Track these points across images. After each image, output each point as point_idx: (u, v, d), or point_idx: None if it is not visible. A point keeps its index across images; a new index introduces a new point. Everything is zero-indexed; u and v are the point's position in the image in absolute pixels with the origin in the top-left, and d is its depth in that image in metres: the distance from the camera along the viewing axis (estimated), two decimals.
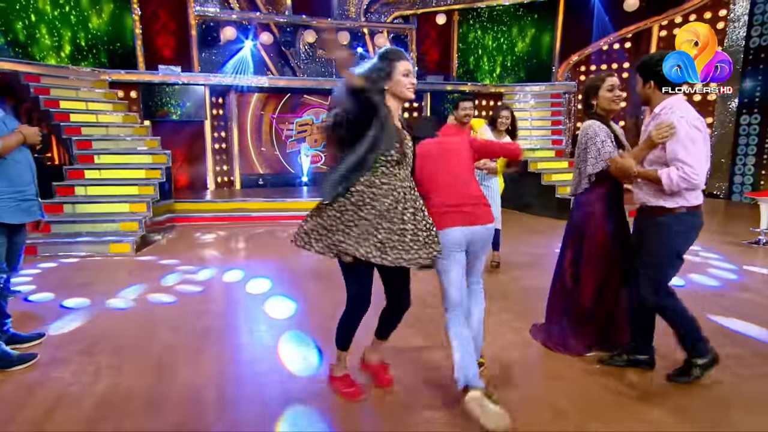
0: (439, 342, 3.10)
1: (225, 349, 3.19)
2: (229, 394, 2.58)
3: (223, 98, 10.09)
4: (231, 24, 10.46)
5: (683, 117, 2.46)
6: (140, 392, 2.61)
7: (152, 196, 6.57)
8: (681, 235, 2.55)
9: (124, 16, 9.53)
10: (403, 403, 2.51)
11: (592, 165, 2.80)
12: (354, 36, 11.51)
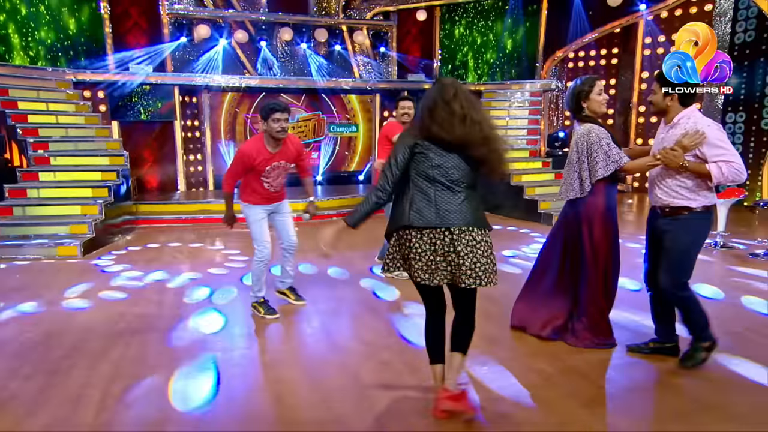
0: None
1: (121, 356, 3.17)
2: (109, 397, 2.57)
3: (196, 97, 10.09)
4: (204, 22, 10.47)
5: (710, 125, 2.76)
6: (26, 394, 2.62)
7: (105, 198, 6.57)
8: (702, 230, 2.87)
9: (94, 14, 9.56)
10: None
11: (603, 168, 2.95)
12: (332, 33, 11.49)
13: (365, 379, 2.90)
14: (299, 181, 4.17)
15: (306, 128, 11.07)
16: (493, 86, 10.91)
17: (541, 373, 2.93)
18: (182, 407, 2.60)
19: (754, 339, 3.42)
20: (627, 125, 11.35)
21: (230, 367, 3.06)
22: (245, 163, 3.66)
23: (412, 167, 2.28)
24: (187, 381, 2.87)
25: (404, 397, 2.69)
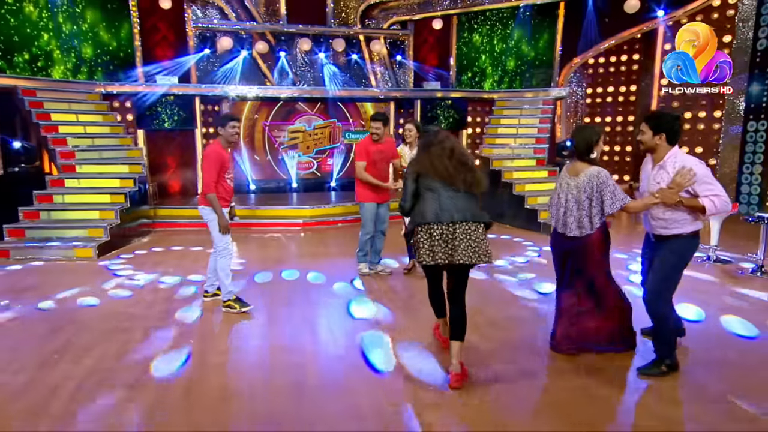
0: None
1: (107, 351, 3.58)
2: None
3: (217, 106, 10.65)
4: (227, 34, 11.04)
5: (697, 163, 3.06)
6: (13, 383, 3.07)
7: (122, 204, 7.13)
8: (689, 251, 3.20)
9: (125, 29, 10.26)
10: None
11: (610, 206, 3.23)
12: (349, 43, 11.83)
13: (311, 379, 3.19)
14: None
15: (322, 135, 11.46)
16: (506, 94, 10.97)
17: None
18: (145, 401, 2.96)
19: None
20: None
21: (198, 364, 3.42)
22: (219, 162, 4.25)
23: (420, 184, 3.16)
24: (158, 377, 3.24)
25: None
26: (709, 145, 10.29)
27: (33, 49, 8.99)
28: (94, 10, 9.77)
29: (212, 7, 11.07)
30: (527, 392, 3.09)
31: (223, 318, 4.34)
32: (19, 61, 8.90)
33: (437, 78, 11.74)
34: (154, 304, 4.70)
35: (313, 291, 5.13)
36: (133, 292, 5.06)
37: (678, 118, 3.27)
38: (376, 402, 2.94)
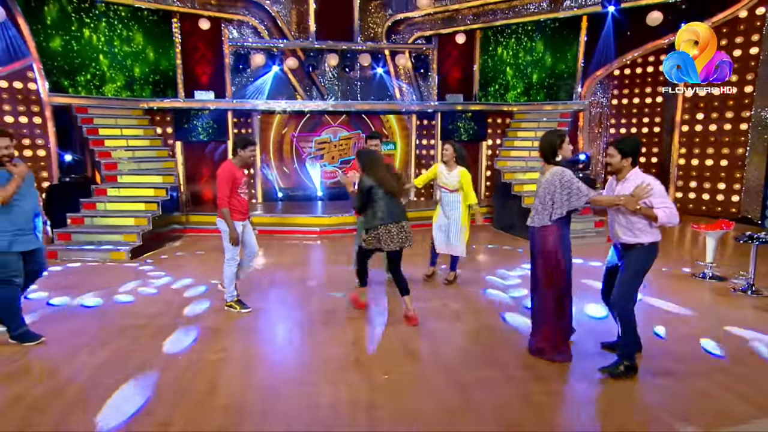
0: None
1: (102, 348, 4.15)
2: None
3: (249, 119, 11.36)
4: (260, 51, 11.73)
5: (653, 180, 3.49)
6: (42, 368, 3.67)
7: (154, 211, 7.86)
8: (648, 260, 3.61)
9: (169, 49, 11.12)
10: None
11: (576, 200, 3.59)
12: (375, 57, 12.27)
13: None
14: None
15: (346, 146, 11.97)
16: (525, 107, 11.10)
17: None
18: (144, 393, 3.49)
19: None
20: (671, 142, 10.95)
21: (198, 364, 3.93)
22: (231, 179, 4.73)
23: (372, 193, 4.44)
24: (158, 369, 3.77)
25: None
26: (735, 158, 10.06)
27: (91, 69, 9.99)
28: (142, 33, 10.66)
29: (247, 26, 11.79)
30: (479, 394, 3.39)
31: (226, 318, 4.85)
32: (80, 80, 9.92)
33: (461, 91, 11.97)
34: (169, 303, 5.28)
35: (314, 297, 5.57)
36: (156, 290, 5.68)
37: (639, 145, 3.73)
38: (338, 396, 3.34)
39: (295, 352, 4.17)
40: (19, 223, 4.01)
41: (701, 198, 10.67)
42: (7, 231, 3.95)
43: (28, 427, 3.02)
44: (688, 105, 10.60)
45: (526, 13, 11.17)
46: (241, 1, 11.38)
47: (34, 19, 9.33)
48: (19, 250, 4.04)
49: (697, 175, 10.67)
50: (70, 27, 9.70)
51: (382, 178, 4.43)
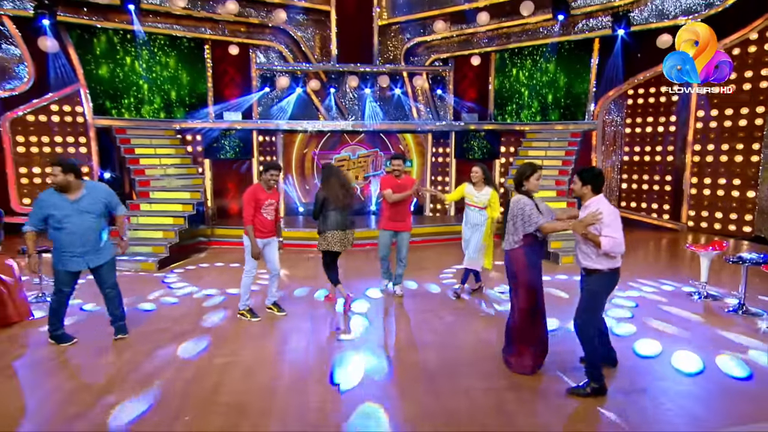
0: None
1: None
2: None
3: (273, 137, 11.95)
4: (285, 74, 12.34)
5: (607, 208, 3.66)
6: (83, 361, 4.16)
7: (181, 226, 8.43)
8: (607, 285, 3.76)
9: (201, 73, 11.84)
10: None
11: (528, 226, 3.87)
12: (393, 79, 12.72)
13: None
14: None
15: (365, 163, 12.41)
16: (537, 126, 11.29)
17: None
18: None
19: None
20: (683, 162, 10.94)
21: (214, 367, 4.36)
22: (254, 200, 5.21)
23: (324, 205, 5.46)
24: (171, 371, 4.21)
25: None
26: (747, 177, 10.00)
27: (131, 93, 10.79)
28: (177, 59, 11.42)
29: (273, 51, 12.43)
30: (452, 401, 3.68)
31: (238, 325, 5.28)
32: (122, 103, 10.74)
33: (476, 110, 12.26)
34: (188, 311, 5.75)
35: (321, 307, 5.96)
36: (178, 299, 6.18)
37: (601, 173, 3.87)
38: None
39: (295, 357, 4.54)
40: (65, 246, 4.47)
41: (714, 217, 10.60)
42: (56, 250, 4.52)
43: (61, 414, 3.49)
44: (701, 125, 10.60)
45: (539, 36, 11.42)
46: (268, 28, 12.03)
47: (82, 49, 10.18)
48: (64, 269, 4.56)
49: (711, 194, 10.62)
50: (115, 55, 10.54)
51: (334, 195, 5.40)
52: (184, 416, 3.50)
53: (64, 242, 4.48)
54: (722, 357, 4.44)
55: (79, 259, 4.57)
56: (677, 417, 3.48)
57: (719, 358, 4.42)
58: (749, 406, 3.64)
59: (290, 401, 3.70)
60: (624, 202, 12.20)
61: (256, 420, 3.45)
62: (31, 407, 3.65)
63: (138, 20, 10.27)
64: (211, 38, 11.52)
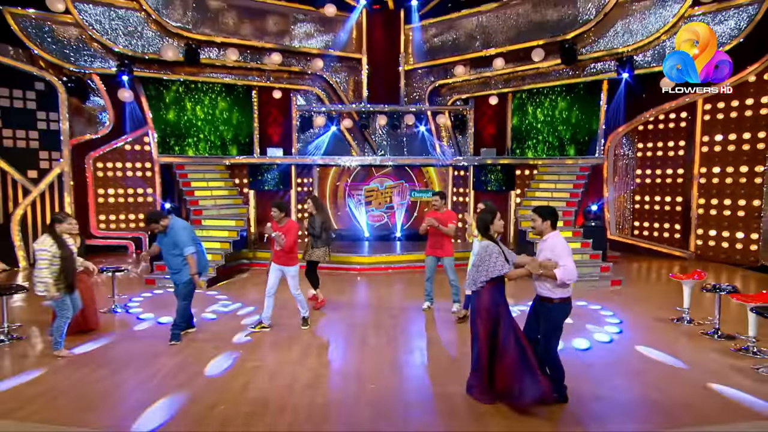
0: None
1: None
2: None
3: (310, 171, 12.94)
4: (322, 114, 13.39)
5: (560, 241, 4.09)
6: (128, 370, 5.05)
7: (227, 250, 9.41)
8: (561, 313, 4.14)
9: (248, 114, 13.03)
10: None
11: (493, 271, 4.10)
12: (418, 117, 13.52)
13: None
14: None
15: (391, 194, 13.18)
16: (549, 161, 11.75)
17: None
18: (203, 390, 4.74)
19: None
20: (690, 184, 11.12)
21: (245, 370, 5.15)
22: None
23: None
24: (207, 373, 5.02)
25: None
26: (752, 208, 10.11)
27: (191, 132, 12.10)
28: (229, 103, 12.67)
29: (311, 94, 13.54)
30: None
31: (266, 336, 6.06)
32: (189, 142, 12.05)
33: (495, 146, 12.83)
34: (227, 322, 6.60)
35: (341, 323, 6.68)
36: (222, 312, 7.06)
37: (555, 210, 4.29)
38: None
39: (312, 363, 5.26)
40: (168, 267, 5.94)
41: (721, 246, 10.69)
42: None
43: (130, 399, 4.34)
44: (706, 149, 10.83)
45: (551, 78, 11.97)
46: (307, 75, 13.16)
47: (151, 98, 11.56)
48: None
49: (716, 224, 10.74)
50: (178, 102, 11.86)
51: (327, 218, 7.31)
52: (220, 406, 4.27)
53: (167, 265, 5.88)
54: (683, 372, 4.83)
55: (171, 277, 6.03)
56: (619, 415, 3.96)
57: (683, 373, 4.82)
58: (681, 411, 4.07)
59: (303, 400, 4.41)
60: (637, 231, 12.39)
61: (274, 412, 4.17)
62: (112, 391, 4.53)
63: (198, 72, 11.58)
64: (258, 85, 12.72)
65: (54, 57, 10.31)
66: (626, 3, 10.48)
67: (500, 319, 4.18)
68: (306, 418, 4.05)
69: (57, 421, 4.00)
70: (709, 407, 4.23)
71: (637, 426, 3.95)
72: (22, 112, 10.18)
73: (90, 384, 4.72)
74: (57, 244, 5.25)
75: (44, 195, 10.41)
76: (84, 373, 4.95)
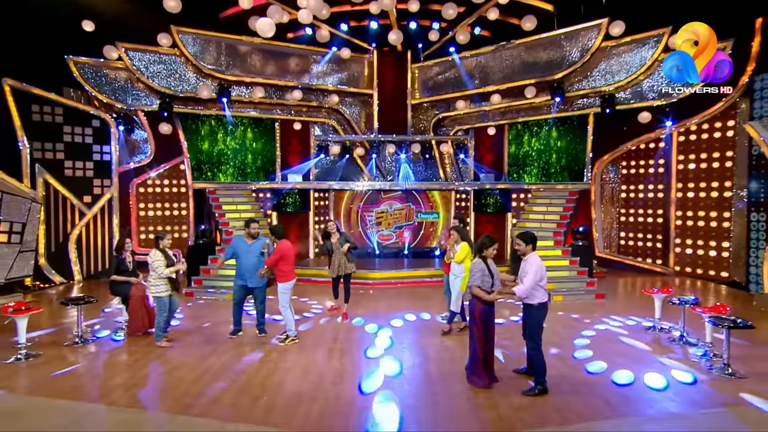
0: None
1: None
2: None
3: (326, 194, 13.81)
4: (336, 143, 14.30)
5: (535, 264, 4.85)
6: (181, 371, 5.84)
7: None
8: (540, 315, 4.95)
9: (271, 144, 13.97)
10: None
11: (474, 281, 5.05)
12: (423, 146, 14.40)
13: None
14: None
15: (400, 215, 13.99)
16: (542, 186, 12.52)
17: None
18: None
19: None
20: (668, 210, 11.83)
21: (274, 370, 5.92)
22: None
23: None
24: (240, 369, 5.79)
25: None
26: (722, 229, 10.81)
27: (222, 160, 13.05)
28: (254, 134, 13.63)
29: (327, 125, 14.48)
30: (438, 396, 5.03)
31: (295, 343, 6.83)
32: (222, 169, 12.99)
33: (493, 171, 13.64)
34: (251, 332, 7.39)
35: (356, 331, 7.44)
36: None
37: (535, 236, 5.07)
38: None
39: (335, 363, 6.02)
40: (239, 272, 6.97)
41: (697, 263, 11.36)
42: (237, 276, 6.95)
43: (182, 387, 5.12)
44: (681, 168, 11.58)
45: (543, 112, 12.82)
46: (324, 108, 14.11)
47: (187, 130, 12.54)
48: (240, 284, 7.01)
49: (692, 243, 11.42)
50: (210, 134, 12.83)
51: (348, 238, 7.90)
52: (263, 397, 5.03)
53: (239, 272, 7.16)
54: (650, 374, 5.53)
55: (246, 280, 7.16)
56: (585, 407, 4.69)
57: (647, 374, 5.52)
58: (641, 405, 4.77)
59: (331, 393, 5.16)
60: (623, 249, 13.08)
61: (308, 402, 4.92)
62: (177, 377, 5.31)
63: (228, 107, 12.57)
64: (280, 118, 13.69)
65: (106, 97, 11.35)
66: (607, 47, 11.36)
67: (488, 319, 5.12)
68: (334, 408, 4.81)
69: (137, 405, 4.80)
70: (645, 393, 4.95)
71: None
72: (81, 147, 11.18)
73: (161, 377, 5.52)
74: (164, 255, 6.40)
75: (96, 217, 11.34)
76: (154, 367, 5.76)
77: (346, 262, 7.78)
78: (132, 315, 6.94)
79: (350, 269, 7.81)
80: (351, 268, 7.82)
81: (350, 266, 7.81)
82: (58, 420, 4.49)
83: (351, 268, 7.82)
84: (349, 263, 7.80)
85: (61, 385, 5.26)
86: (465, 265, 6.94)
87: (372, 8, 10.57)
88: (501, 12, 11.64)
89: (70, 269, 10.94)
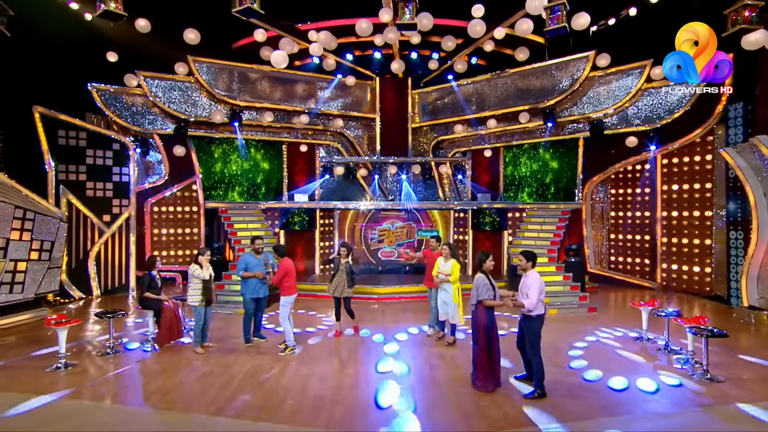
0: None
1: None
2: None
3: (331, 213, 14.37)
4: (341, 165, 14.91)
5: (536, 277, 5.39)
6: (195, 376, 6.30)
7: None
8: (538, 325, 5.44)
9: (279, 165, 14.58)
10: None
11: (480, 296, 5.60)
12: (423, 167, 15.05)
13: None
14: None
15: (401, 233, 14.56)
16: (535, 205, 13.16)
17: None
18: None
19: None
20: (655, 228, 12.48)
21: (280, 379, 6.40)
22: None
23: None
24: (264, 377, 6.27)
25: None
26: (705, 246, 11.46)
27: (233, 181, 13.61)
28: (263, 156, 14.24)
29: (332, 148, 15.12)
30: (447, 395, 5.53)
31: (311, 351, 7.31)
32: (238, 189, 13.54)
33: (490, 191, 14.27)
34: (273, 344, 7.86)
35: (365, 344, 7.93)
36: (267, 336, 8.33)
37: (535, 255, 5.62)
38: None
39: (350, 371, 6.51)
40: (251, 286, 7.59)
41: (682, 278, 11.99)
42: (247, 290, 7.49)
43: (211, 393, 5.59)
44: (666, 197, 12.27)
45: (536, 135, 13.54)
46: (329, 132, 14.77)
47: (200, 152, 13.12)
48: (252, 297, 7.55)
49: (677, 259, 12.07)
50: (222, 156, 13.42)
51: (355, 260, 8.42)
52: (288, 401, 5.51)
53: (251, 286, 7.78)
54: (642, 379, 6.07)
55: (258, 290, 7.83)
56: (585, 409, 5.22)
57: (639, 380, 6.06)
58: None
59: (349, 396, 5.65)
60: (613, 265, 13.70)
61: (330, 405, 5.41)
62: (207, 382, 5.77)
63: (239, 131, 13.19)
64: (288, 140, 14.32)
65: (124, 121, 11.94)
66: (595, 77, 12.15)
67: (491, 329, 5.61)
68: (353, 410, 5.30)
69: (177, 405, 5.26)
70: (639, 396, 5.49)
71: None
72: (102, 168, 11.72)
73: (193, 383, 5.98)
74: (202, 270, 7.06)
75: (114, 235, 11.82)
76: (185, 374, 6.22)
77: (344, 287, 8.07)
78: (162, 326, 7.41)
79: (347, 293, 8.11)
80: (348, 293, 8.12)
81: (348, 291, 8.10)
82: (107, 420, 4.95)
83: (348, 292, 8.11)
84: (348, 288, 8.09)
85: (103, 390, 5.72)
86: (453, 276, 7.39)
87: (377, 40, 11.30)
88: (496, 44, 12.44)
89: (89, 285, 11.37)
